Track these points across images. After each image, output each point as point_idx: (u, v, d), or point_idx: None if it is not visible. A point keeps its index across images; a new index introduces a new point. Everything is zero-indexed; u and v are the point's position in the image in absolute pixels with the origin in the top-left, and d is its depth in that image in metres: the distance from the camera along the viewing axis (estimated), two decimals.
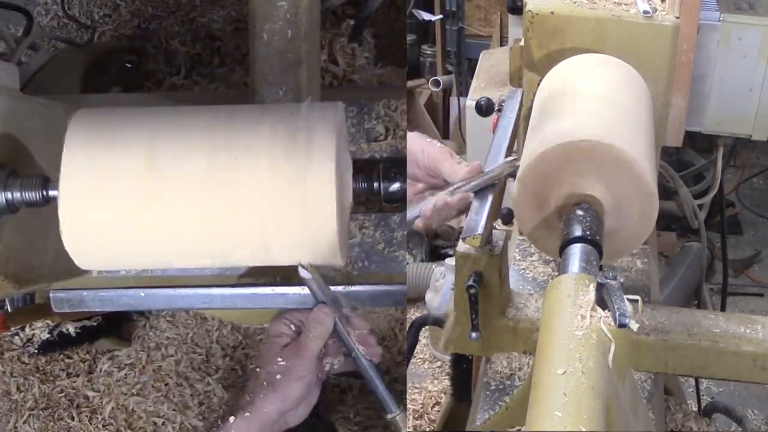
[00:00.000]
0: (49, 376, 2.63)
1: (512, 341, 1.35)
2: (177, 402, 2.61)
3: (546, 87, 1.38)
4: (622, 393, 0.94)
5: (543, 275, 1.63)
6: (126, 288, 1.35)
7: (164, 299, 1.36)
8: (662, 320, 1.30)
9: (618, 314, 0.90)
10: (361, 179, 1.24)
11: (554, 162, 1.15)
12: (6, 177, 1.20)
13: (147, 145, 1.13)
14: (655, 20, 1.35)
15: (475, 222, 1.22)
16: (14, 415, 2.56)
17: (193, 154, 1.11)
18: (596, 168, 1.14)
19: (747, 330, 1.28)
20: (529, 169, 1.16)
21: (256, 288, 1.32)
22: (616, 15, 1.36)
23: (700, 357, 1.26)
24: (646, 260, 1.69)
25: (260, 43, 1.45)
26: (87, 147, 1.13)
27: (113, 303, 1.36)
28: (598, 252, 1.07)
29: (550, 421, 0.82)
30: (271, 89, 1.44)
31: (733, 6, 1.89)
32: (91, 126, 1.16)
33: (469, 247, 1.25)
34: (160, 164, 1.11)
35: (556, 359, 0.89)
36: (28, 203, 1.20)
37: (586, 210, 1.13)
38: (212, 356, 2.65)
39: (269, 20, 1.44)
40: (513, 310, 1.36)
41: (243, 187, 1.11)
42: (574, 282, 0.99)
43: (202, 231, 1.12)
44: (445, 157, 1.36)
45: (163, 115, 1.18)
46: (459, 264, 1.28)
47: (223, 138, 1.13)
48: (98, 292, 1.31)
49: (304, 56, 1.45)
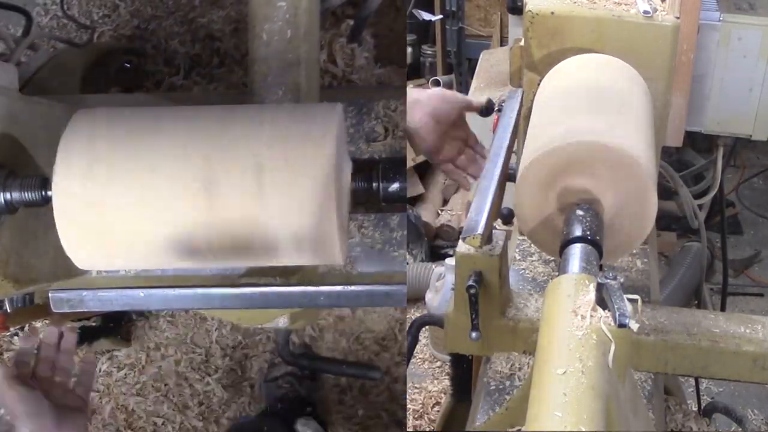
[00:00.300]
0: None
1: (512, 341, 1.35)
2: (177, 402, 2.61)
3: (546, 87, 1.38)
4: (622, 393, 0.94)
5: (543, 275, 1.63)
6: (125, 288, 1.34)
7: (163, 299, 1.36)
8: (662, 320, 1.30)
9: (618, 314, 0.90)
10: (361, 179, 1.24)
11: (554, 162, 1.15)
12: (5, 177, 1.20)
13: (144, 145, 1.12)
14: (655, 20, 1.35)
15: (475, 222, 1.22)
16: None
17: (190, 154, 1.11)
18: (596, 168, 1.14)
19: (747, 330, 1.28)
20: (530, 169, 1.16)
21: (255, 288, 1.32)
22: (616, 15, 1.36)
23: (700, 357, 1.26)
24: (646, 260, 1.69)
25: (259, 44, 1.45)
26: (83, 146, 1.13)
27: (112, 303, 1.36)
28: (598, 252, 1.07)
29: (550, 421, 0.82)
30: (270, 89, 1.44)
31: (733, 6, 1.89)
32: (89, 126, 1.15)
33: (469, 247, 1.25)
34: (157, 164, 1.11)
35: (556, 359, 0.89)
36: (27, 203, 1.20)
37: (586, 210, 1.13)
38: (212, 356, 2.65)
39: (268, 20, 1.44)
40: (513, 310, 1.36)
41: (241, 186, 1.11)
42: (574, 282, 0.99)
43: (201, 231, 1.12)
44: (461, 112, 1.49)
45: (161, 116, 1.18)
46: (459, 264, 1.28)
47: (220, 138, 1.13)
48: (97, 292, 1.31)
49: (304, 57, 1.45)
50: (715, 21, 1.84)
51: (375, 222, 1.58)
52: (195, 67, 2.71)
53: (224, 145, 1.12)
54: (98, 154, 1.12)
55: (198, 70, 2.71)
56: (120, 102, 1.94)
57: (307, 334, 2.66)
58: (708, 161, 2.51)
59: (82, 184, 1.11)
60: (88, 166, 1.11)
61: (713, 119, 1.93)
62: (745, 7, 1.90)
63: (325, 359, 2.02)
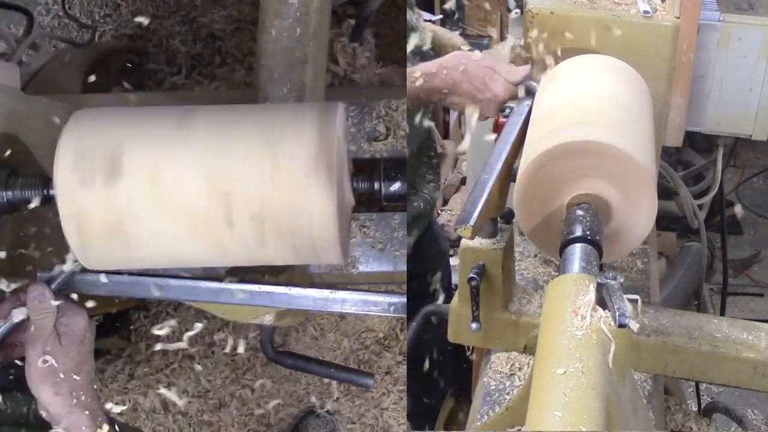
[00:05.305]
0: None
1: (513, 335, 1.35)
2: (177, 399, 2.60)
3: (546, 87, 1.39)
4: (622, 393, 0.94)
5: (543, 275, 1.63)
6: (115, 273, 1.30)
7: (149, 287, 1.31)
8: (664, 322, 1.29)
9: (618, 314, 0.90)
10: (362, 179, 1.24)
11: (555, 162, 1.15)
12: (6, 176, 1.20)
13: (145, 143, 1.12)
14: (655, 20, 1.35)
15: (468, 213, 1.21)
16: None
17: (191, 154, 1.11)
18: (596, 168, 1.14)
19: (749, 336, 1.26)
20: (530, 168, 1.16)
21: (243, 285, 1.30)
22: (616, 15, 1.37)
23: (699, 361, 1.25)
24: (646, 260, 1.69)
25: (268, 39, 1.44)
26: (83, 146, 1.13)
27: (98, 287, 1.31)
28: (598, 252, 1.07)
29: (550, 421, 0.82)
30: (275, 86, 1.44)
31: (733, 6, 1.89)
32: (89, 125, 1.15)
33: (474, 240, 1.26)
34: (158, 164, 1.11)
35: (556, 359, 0.89)
36: (28, 202, 1.20)
37: (586, 210, 1.13)
38: (212, 354, 2.65)
39: (279, 17, 1.43)
40: (516, 304, 1.36)
41: (242, 186, 1.11)
42: (574, 282, 0.99)
43: (202, 230, 1.12)
44: (491, 71, 1.45)
45: (162, 115, 1.18)
46: (463, 256, 1.29)
47: (222, 138, 1.13)
48: (84, 276, 1.28)
49: (311, 55, 1.44)
50: (715, 21, 1.84)
51: (376, 222, 1.58)
52: (196, 66, 2.72)
53: (224, 145, 1.12)
54: (100, 152, 1.12)
55: (200, 69, 2.72)
56: (121, 101, 1.95)
57: (309, 334, 2.66)
58: (708, 161, 2.51)
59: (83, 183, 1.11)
60: (89, 166, 1.11)
61: (713, 119, 1.93)
62: (745, 7, 1.90)
63: (309, 359, 1.99)
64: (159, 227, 1.12)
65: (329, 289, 1.26)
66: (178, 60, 2.74)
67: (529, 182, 1.17)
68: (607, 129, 1.17)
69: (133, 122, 1.17)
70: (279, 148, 1.12)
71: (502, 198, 1.31)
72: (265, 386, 2.62)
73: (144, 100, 1.93)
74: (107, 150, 1.12)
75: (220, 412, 2.59)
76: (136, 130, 1.15)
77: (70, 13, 2.87)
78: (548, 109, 1.30)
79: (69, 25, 2.92)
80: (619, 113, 1.22)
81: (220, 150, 1.11)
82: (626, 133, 1.18)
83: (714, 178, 2.36)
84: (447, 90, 1.48)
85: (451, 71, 1.46)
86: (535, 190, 1.18)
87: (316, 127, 1.13)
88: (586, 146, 1.14)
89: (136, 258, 1.17)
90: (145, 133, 1.14)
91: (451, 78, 1.46)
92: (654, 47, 1.36)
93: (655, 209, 1.16)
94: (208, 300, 1.29)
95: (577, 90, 1.30)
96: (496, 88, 1.45)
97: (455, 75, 1.46)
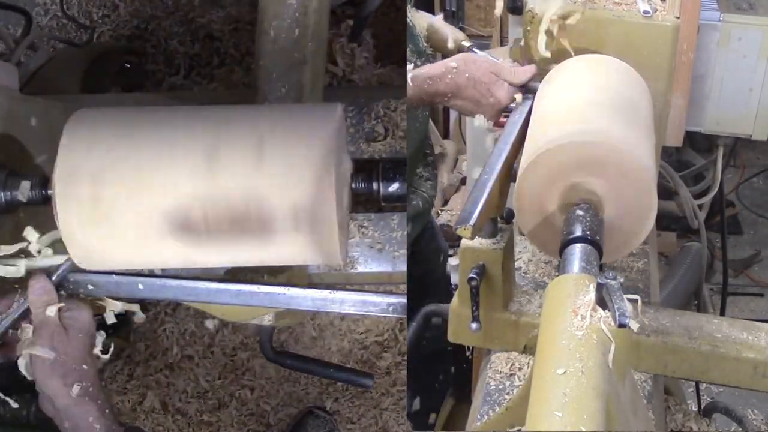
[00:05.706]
0: None
1: (513, 335, 1.35)
2: (177, 400, 2.60)
3: (546, 88, 1.38)
4: (622, 393, 0.94)
5: (543, 275, 1.63)
6: (107, 273, 1.30)
7: (150, 289, 1.31)
8: (664, 322, 1.29)
9: (618, 314, 0.90)
10: (361, 179, 1.24)
11: (555, 162, 1.15)
12: (5, 177, 1.20)
13: (143, 142, 1.12)
14: (655, 20, 1.35)
15: (468, 213, 1.21)
16: None
17: (189, 154, 1.11)
18: (596, 168, 1.14)
19: (749, 336, 1.26)
20: (530, 168, 1.16)
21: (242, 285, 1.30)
22: (616, 15, 1.37)
23: (699, 361, 1.25)
24: (646, 260, 1.69)
25: (266, 39, 1.44)
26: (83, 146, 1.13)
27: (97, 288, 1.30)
28: (598, 252, 1.07)
29: (550, 421, 0.82)
30: (274, 86, 1.44)
31: (733, 6, 1.89)
32: (88, 125, 1.15)
33: (475, 240, 1.25)
34: (157, 164, 1.11)
35: (556, 359, 0.89)
36: (27, 203, 1.20)
37: (586, 210, 1.13)
38: (212, 355, 2.65)
39: (278, 17, 1.43)
40: (516, 304, 1.36)
41: (241, 187, 1.10)
42: (574, 282, 0.99)
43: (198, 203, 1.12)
44: (494, 77, 1.44)
45: (160, 114, 1.18)
46: (463, 256, 1.28)
47: (220, 138, 1.13)
48: (82, 276, 1.28)
49: (310, 56, 1.44)
50: (715, 21, 1.84)
51: (375, 222, 1.58)
52: (195, 66, 2.72)
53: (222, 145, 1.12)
54: (98, 153, 1.12)
55: (198, 70, 2.72)
56: (120, 102, 1.94)
57: (308, 334, 2.66)
58: (708, 161, 2.51)
59: (82, 183, 1.10)
60: (88, 166, 1.11)
61: (713, 119, 1.93)
62: (745, 7, 1.90)
63: (308, 359, 1.98)
64: (146, 229, 1.11)
65: (328, 289, 1.26)
66: (176, 60, 2.73)
67: (530, 183, 1.17)
68: (607, 129, 1.16)
69: (134, 122, 1.16)
70: (278, 149, 1.11)
71: (502, 198, 1.30)
72: (264, 386, 2.62)
73: (142, 101, 1.93)
74: (107, 149, 1.12)
75: (220, 412, 2.59)
76: (136, 129, 1.15)
77: (69, 13, 2.87)
78: (548, 110, 1.29)
79: (67, 25, 2.92)
80: (619, 113, 1.22)
81: (216, 150, 1.11)
82: (626, 133, 1.17)
83: (714, 178, 2.36)
84: (450, 94, 1.48)
85: (456, 76, 1.46)
86: (535, 190, 1.18)
87: (314, 128, 1.13)
88: (586, 146, 1.13)
89: (128, 258, 1.17)
90: (144, 132, 1.14)
91: (455, 83, 1.46)
92: (654, 47, 1.36)
93: (655, 209, 1.16)
94: (207, 300, 1.29)
95: (577, 90, 1.30)
96: (500, 94, 1.45)
97: (459, 80, 1.46)
